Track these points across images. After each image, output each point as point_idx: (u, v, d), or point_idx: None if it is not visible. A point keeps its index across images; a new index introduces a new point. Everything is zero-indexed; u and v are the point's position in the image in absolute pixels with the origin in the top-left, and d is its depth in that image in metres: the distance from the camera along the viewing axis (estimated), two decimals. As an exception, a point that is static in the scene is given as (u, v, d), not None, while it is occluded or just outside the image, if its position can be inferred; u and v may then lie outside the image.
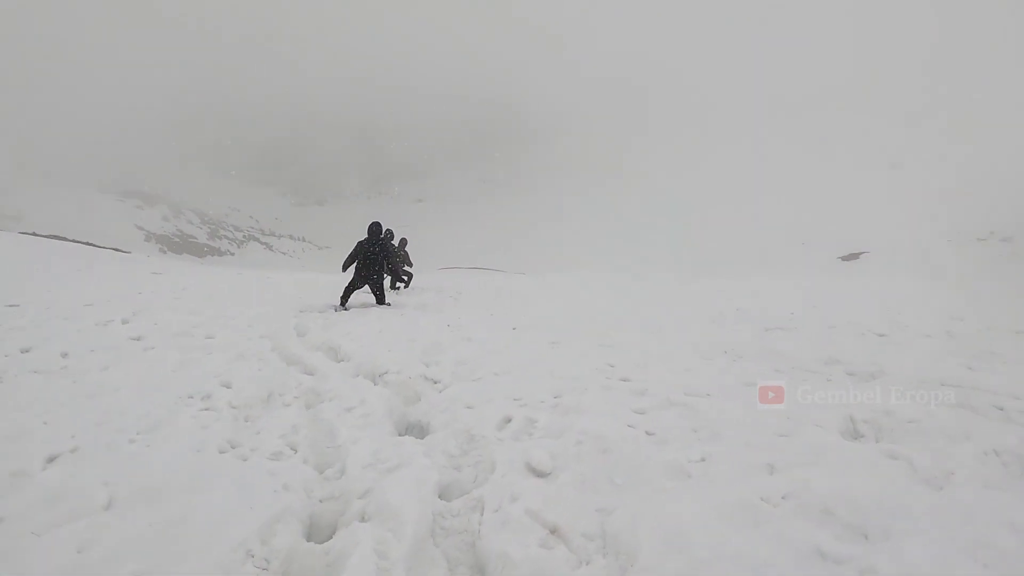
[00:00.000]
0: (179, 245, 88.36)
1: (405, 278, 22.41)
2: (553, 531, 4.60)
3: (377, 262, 16.89)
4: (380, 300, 17.07)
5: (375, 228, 17.01)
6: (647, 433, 6.47)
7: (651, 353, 10.76)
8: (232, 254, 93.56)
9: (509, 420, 7.00)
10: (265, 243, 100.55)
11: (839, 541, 4.15)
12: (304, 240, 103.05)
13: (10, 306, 12.64)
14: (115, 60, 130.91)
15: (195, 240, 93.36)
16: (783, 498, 4.72)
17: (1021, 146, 68.63)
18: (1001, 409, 6.79)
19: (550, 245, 75.43)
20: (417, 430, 7.26)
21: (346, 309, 16.17)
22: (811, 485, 4.78)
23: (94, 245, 40.12)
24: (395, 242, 22.48)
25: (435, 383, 8.79)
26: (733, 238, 67.26)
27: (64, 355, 9.24)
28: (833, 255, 54.50)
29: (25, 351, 9.33)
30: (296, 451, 6.26)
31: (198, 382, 8.15)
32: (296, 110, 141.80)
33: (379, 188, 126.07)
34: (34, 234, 42.78)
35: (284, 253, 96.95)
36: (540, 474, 5.50)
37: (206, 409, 7.19)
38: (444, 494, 5.42)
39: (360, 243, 16.81)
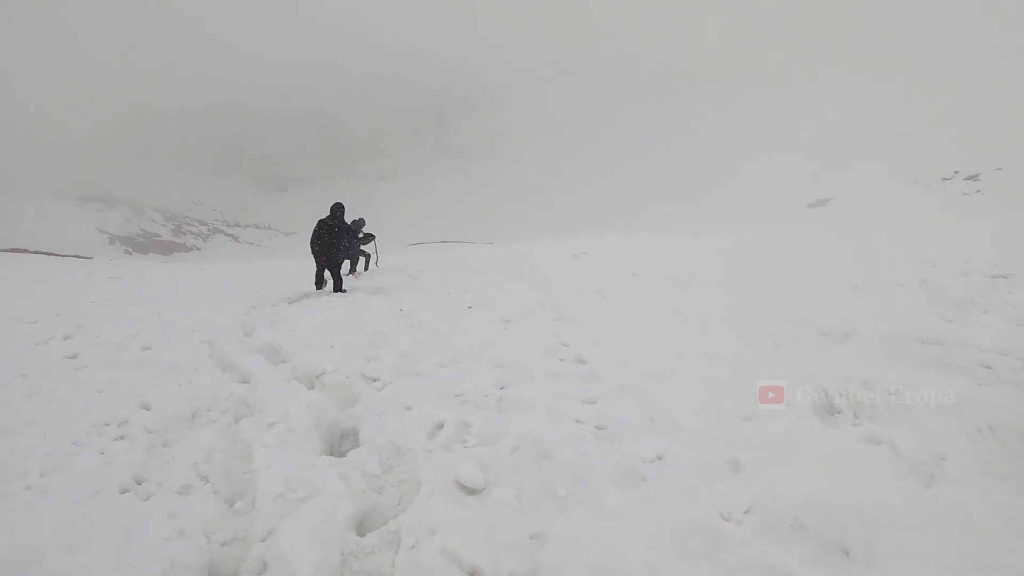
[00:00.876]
0: (144, 245, 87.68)
1: (363, 259, 21.80)
2: (472, 574, 3.96)
3: (334, 243, 16.34)
4: (336, 287, 16.39)
5: (335, 206, 16.85)
6: (597, 428, 5.99)
7: (607, 328, 10.28)
8: (199, 249, 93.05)
9: (441, 426, 6.35)
10: (231, 235, 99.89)
11: (813, 566, 3.52)
12: (270, 228, 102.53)
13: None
14: (60, 64, 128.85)
15: (160, 238, 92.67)
16: (746, 512, 4.15)
17: (979, 90, 69.24)
18: (989, 368, 6.25)
19: (515, 213, 75.20)
20: (351, 439, 6.63)
21: (319, 289, 16.48)
22: (779, 491, 4.21)
23: (54, 255, 39.43)
24: (366, 230, 21.19)
25: (374, 381, 8.15)
26: (702, 193, 67.14)
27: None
28: (800, 203, 54.53)
29: (-47, 384, 8.66)
30: (208, 481, 5.60)
31: (118, 405, 7.37)
32: (247, 97, 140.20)
33: (341, 169, 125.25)
34: None
35: (251, 243, 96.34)
36: (471, 491, 4.88)
37: (120, 438, 6.46)
38: (361, 525, 4.77)
39: (320, 221, 16.53)
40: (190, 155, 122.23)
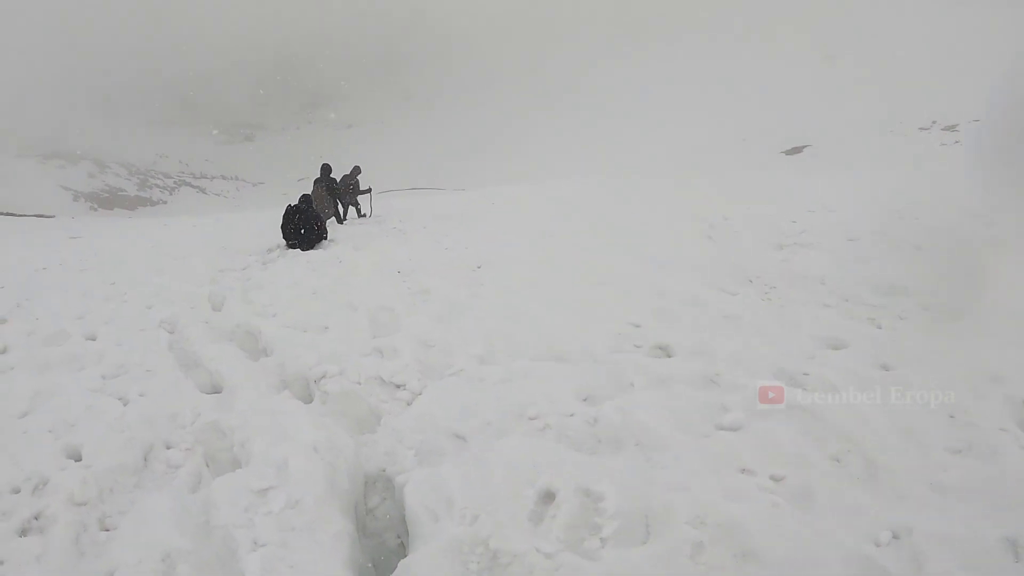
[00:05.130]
0: (109, 200, 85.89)
1: (353, 208, 20.71)
2: None
3: (303, 228, 15.02)
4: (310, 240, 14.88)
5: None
6: (773, 480, 4.08)
7: (670, 291, 8.33)
8: (165, 202, 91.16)
9: (550, 496, 4.13)
10: (197, 187, 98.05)
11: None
12: (237, 179, 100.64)
13: None
14: (11, 12, 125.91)
15: (125, 193, 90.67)
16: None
17: (958, 39, 68.97)
18: None
19: (481, 159, 74.24)
20: (380, 489, 4.58)
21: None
22: None
23: (14, 215, 37.89)
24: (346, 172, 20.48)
25: (397, 388, 6.02)
26: (676, 141, 66.36)
27: None
28: (776, 150, 53.92)
29: None
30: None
31: (37, 451, 5.06)
32: (207, 47, 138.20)
33: (307, 117, 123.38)
34: None
35: (218, 195, 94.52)
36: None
37: (27, 530, 4.23)
38: None
39: (288, 206, 15.44)
40: (152, 108, 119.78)
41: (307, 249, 14.41)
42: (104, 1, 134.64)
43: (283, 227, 14.97)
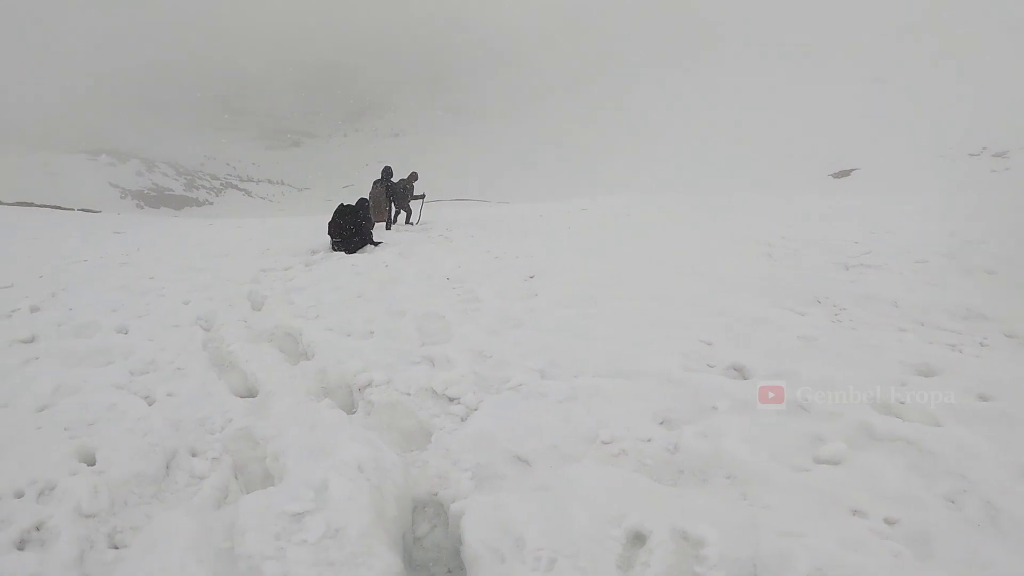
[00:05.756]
0: (155, 199, 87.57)
1: (404, 213, 20.96)
2: None
3: (352, 232, 14.69)
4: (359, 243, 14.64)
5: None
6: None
7: (736, 310, 7.89)
8: (211, 203, 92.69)
9: (641, 539, 3.49)
10: (244, 189, 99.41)
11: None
12: (282, 183, 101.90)
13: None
14: (70, 17, 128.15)
15: (172, 192, 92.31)
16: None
17: (1012, 64, 68.21)
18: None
19: (528, 173, 74.33)
20: (429, 516, 4.01)
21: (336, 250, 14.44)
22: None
23: (62, 208, 38.26)
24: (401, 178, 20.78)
25: (451, 400, 5.41)
26: (722, 160, 65.99)
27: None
28: (823, 172, 53.46)
29: None
30: None
31: (47, 451, 4.55)
32: (258, 52, 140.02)
33: (354, 125, 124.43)
34: None
35: (264, 198, 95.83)
36: None
37: (26, 542, 3.65)
38: None
39: (339, 207, 15.00)
40: (201, 111, 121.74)
41: (351, 252, 14.05)
42: (158, 7, 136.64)
43: (331, 223, 14.64)
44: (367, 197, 16.19)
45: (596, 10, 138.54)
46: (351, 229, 14.39)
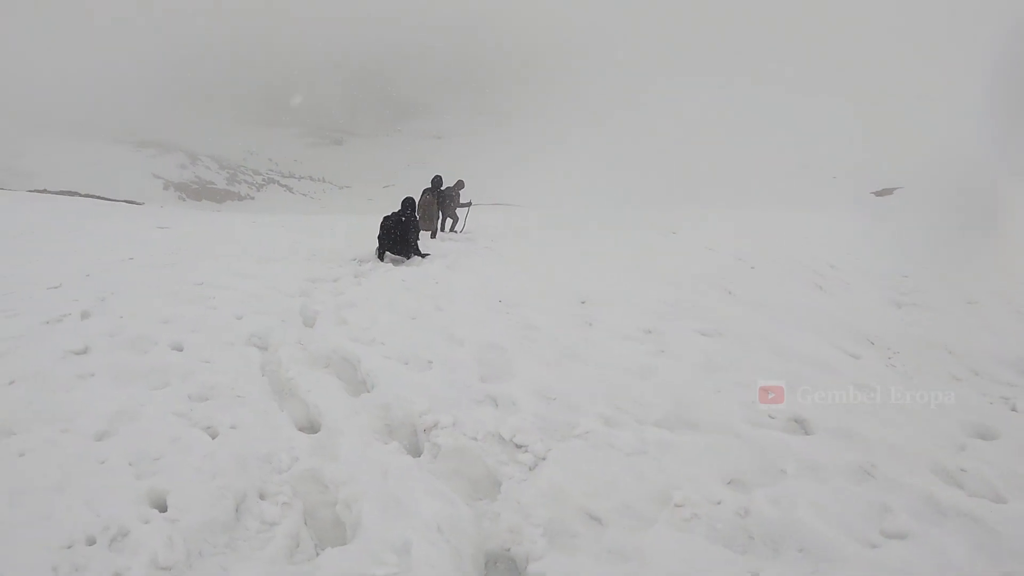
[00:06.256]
0: (198, 192, 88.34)
1: (449, 221, 20.70)
2: None
3: (399, 237, 14.71)
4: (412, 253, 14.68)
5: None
6: None
7: (790, 350, 7.86)
8: (252, 198, 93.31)
9: None
10: (285, 185, 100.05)
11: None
12: (324, 180, 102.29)
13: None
14: (117, 8, 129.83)
15: (214, 186, 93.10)
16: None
17: None
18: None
19: (568, 178, 74.35)
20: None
21: (382, 260, 14.41)
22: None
23: (106, 199, 38.54)
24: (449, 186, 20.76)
25: (518, 448, 5.30)
26: (762, 173, 65.73)
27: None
28: (865, 189, 52.81)
29: None
30: None
31: (116, 493, 4.39)
32: (303, 50, 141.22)
33: (396, 126, 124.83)
34: (44, 191, 41.15)
35: (304, 195, 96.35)
36: None
37: None
38: None
39: (386, 216, 14.98)
40: (246, 106, 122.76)
41: (397, 253, 14.32)
42: (208, 5, 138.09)
43: (380, 237, 14.61)
44: (412, 197, 16.19)
45: (647, 16, 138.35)
46: (398, 232, 14.47)
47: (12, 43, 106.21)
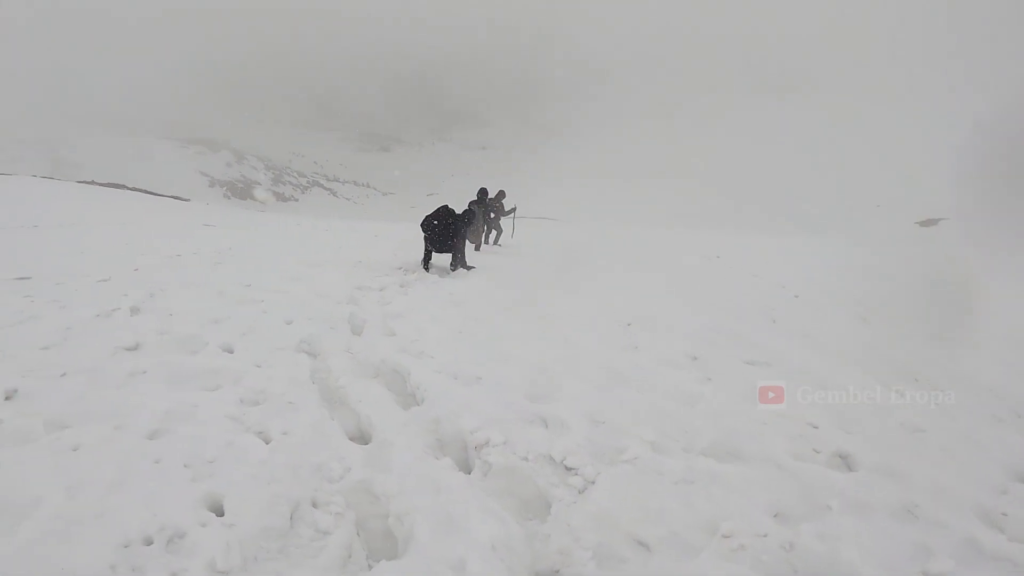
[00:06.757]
0: (243, 191, 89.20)
1: (494, 232, 21.22)
2: None
3: (444, 234, 14.86)
4: (456, 265, 14.79)
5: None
6: None
7: (834, 383, 7.82)
8: (296, 200, 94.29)
9: None
10: (329, 189, 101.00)
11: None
12: (368, 186, 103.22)
13: (20, 279, 10.27)
14: (170, 9, 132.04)
15: (259, 186, 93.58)
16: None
17: None
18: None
19: (611, 195, 73.96)
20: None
21: (427, 270, 14.59)
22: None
23: (153, 193, 38.97)
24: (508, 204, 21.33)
25: (568, 470, 5.30)
26: (807, 200, 65.36)
27: (9, 396, 5.70)
28: (910, 219, 52.19)
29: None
30: None
31: (172, 495, 4.40)
32: (354, 57, 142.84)
33: (443, 135, 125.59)
34: (92, 182, 41.64)
35: (348, 199, 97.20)
36: None
37: None
38: None
39: (433, 211, 14.97)
40: (294, 109, 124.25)
41: (440, 252, 14.67)
42: (260, 9, 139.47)
43: (427, 238, 14.74)
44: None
45: (693, 37, 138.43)
46: (438, 226, 14.54)
47: (70, 41, 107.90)
